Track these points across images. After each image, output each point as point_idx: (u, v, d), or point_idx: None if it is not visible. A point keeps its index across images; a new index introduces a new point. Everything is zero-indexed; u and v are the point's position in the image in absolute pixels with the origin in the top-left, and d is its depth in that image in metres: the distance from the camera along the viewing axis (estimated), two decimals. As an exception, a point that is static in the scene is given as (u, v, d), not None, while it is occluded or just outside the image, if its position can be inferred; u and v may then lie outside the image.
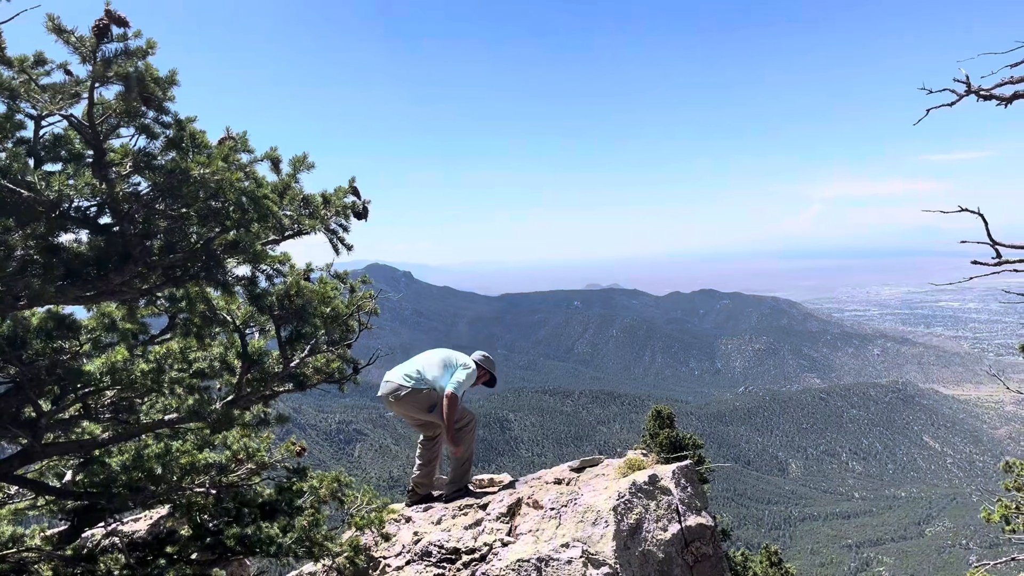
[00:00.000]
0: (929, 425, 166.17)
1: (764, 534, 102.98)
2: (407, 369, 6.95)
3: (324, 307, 5.20)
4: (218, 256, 4.05)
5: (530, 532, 5.83)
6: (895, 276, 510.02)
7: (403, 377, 6.87)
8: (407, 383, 6.81)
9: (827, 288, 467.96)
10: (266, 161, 4.38)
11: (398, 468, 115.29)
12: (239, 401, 5.10)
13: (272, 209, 4.11)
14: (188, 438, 5.54)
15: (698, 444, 17.63)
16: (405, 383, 6.81)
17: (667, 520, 5.89)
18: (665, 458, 7.68)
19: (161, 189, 3.77)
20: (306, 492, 6.08)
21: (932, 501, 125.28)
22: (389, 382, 6.91)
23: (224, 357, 5.36)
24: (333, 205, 4.62)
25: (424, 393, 6.79)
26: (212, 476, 5.35)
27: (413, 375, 6.85)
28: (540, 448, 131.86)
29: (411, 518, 6.64)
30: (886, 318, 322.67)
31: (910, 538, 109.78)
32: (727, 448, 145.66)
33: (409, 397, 6.78)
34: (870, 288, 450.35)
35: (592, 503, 5.85)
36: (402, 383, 6.82)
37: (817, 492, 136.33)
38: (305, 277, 5.20)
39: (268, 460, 5.88)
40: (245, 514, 5.57)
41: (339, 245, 4.75)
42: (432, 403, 6.81)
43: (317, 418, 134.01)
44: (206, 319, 4.86)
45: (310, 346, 5.40)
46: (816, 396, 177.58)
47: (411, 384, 6.81)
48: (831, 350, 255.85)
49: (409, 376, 6.85)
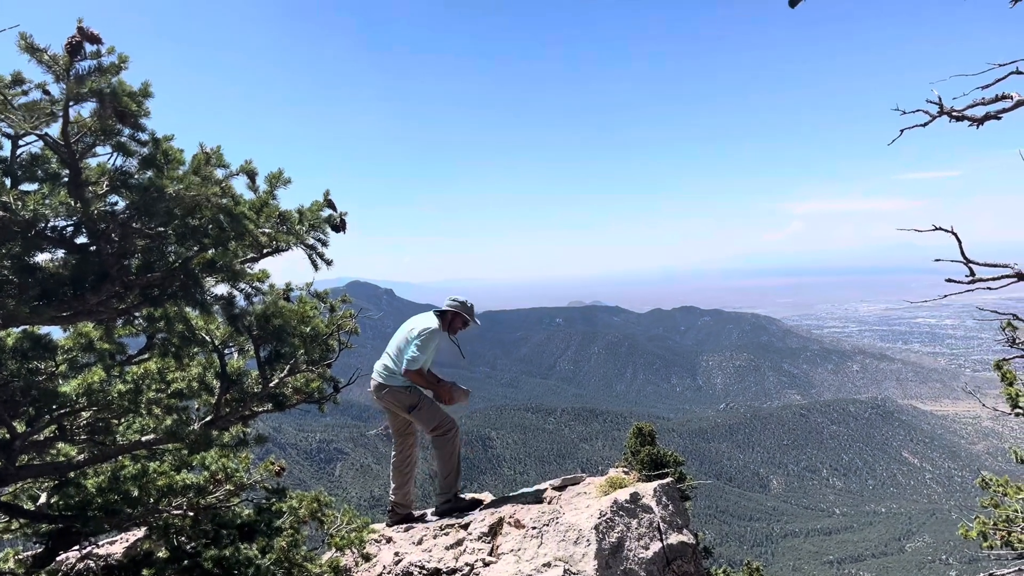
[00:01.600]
0: (908, 441, 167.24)
1: (746, 551, 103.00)
2: (386, 359, 6.89)
3: (304, 326, 5.17)
4: (196, 275, 4.03)
5: (512, 552, 5.80)
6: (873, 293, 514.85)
7: (380, 371, 6.83)
8: (381, 378, 6.78)
9: (806, 305, 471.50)
10: (242, 176, 4.36)
11: (379, 487, 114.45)
12: (218, 421, 5.05)
13: (249, 227, 4.09)
14: (166, 459, 5.48)
15: (679, 461, 17.63)
16: (382, 380, 6.78)
17: (649, 538, 5.87)
18: (647, 476, 7.67)
19: (137, 208, 3.74)
20: (285, 513, 6.03)
21: (912, 517, 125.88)
22: (373, 378, 6.88)
23: (202, 377, 5.31)
24: (308, 219, 4.60)
25: (404, 392, 6.72)
26: (190, 498, 5.28)
27: (390, 367, 6.80)
28: (522, 466, 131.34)
29: (392, 538, 6.59)
30: (865, 334, 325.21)
31: (891, 554, 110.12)
32: (709, 465, 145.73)
33: (390, 395, 6.74)
34: (848, 305, 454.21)
35: (574, 522, 5.83)
36: (380, 380, 6.79)
37: (798, 508, 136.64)
38: (284, 296, 5.18)
39: (247, 481, 5.82)
40: (223, 536, 5.51)
41: (318, 260, 4.73)
42: (412, 404, 6.72)
43: (297, 437, 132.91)
44: (184, 339, 4.82)
45: (289, 366, 5.37)
46: (797, 412, 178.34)
47: (383, 379, 6.76)
48: (811, 366, 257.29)
49: (385, 368, 6.81)
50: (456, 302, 7.06)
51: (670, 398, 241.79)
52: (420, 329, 6.75)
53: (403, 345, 6.78)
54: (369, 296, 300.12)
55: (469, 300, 7.14)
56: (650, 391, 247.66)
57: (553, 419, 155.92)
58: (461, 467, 6.95)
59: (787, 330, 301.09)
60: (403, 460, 7.16)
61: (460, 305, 7.05)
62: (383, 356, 6.94)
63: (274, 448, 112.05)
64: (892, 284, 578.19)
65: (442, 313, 7.00)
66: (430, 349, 6.76)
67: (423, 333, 6.70)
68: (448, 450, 6.79)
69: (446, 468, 6.83)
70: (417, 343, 6.66)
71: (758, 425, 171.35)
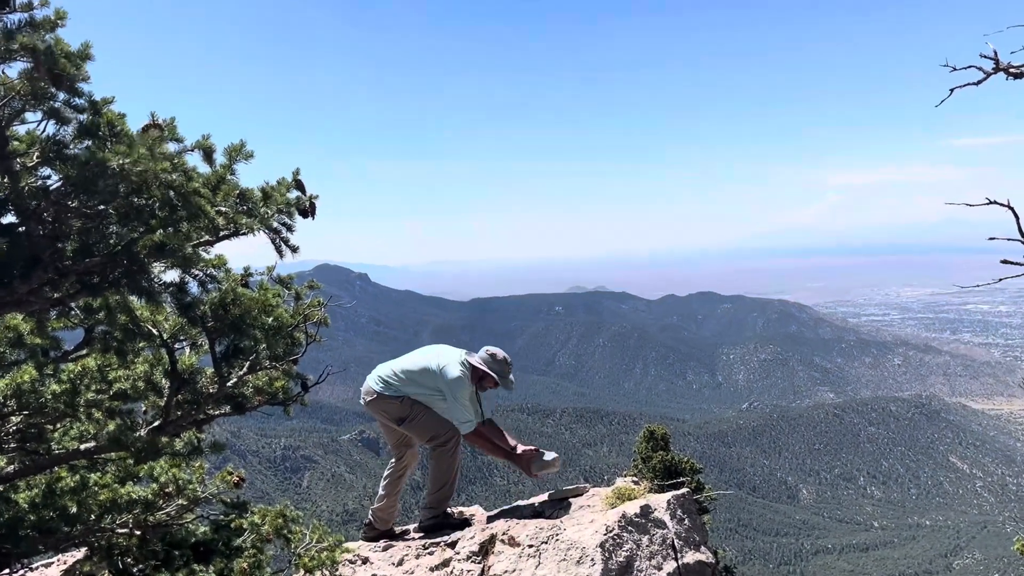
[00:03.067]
0: (956, 444, 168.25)
1: (772, 571, 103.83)
2: (386, 369, 6.93)
3: (265, 317, 5.16)
4: (142, 260, 4.01)
5: (505, 573, 5.83)
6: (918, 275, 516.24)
7: (376, 379, 6.87)
8: (376, 386, 6.82)
9: (841, 290, 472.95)
10: (197, 151, 4.34)
11: (353, 500, 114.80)
12: (167, 427, 5.05)
13: (204, 206, 4.08)
14: (108, 470, 5.48)
15: (696, 469, 17.70)
16: (375, 386, 6.83)
17: (661, 557, 5.91)
18: (659, 485, 7.71)
19: (74, 183, 3.72)
20: (246, 530, 6.04)
21: (960, 530, 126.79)
22: (367, 382, 6.95)
23: (149, 376, 5.30)
24: (274, 201, 4.59)
25: (395, 404, 6.75)
26: (136, 514, 5.29)
27: (387, 378, 6.84)
28: (517, 475, 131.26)
29: (368, 558, 6.62)
30: (908, 323, 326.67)
31: (936, 572, 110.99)
32: (729, 473, 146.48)
33: (376, 404, 6.81)
34: (889, 289, 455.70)
35: (576, 539, 5.87)
36: (372, 386, 6.84)
37: (831, 522, 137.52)
38: (243, 283, 5.16)
39: (201, 494, 5.83)
40: (175, 557, 5.52)
41: (282, 246, 4.72)
42: (402, 416, 6.76)
43: (259, 444, 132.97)
44: (128, 332, 4.81)
45: (250, 362, 5.36)
46: (830, 412, 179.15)
47: (379, 389, 6.80)
48: (846, 360, 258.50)
49: (383, 379, 6.85)
50: (491, 359, 6.96)
51: (686, 397, 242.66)
52: (453, 378, 6.67)
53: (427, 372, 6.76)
54: (341, 281, 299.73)
55: (508, 357, 7.05)
56: (663, 389, 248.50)
57: (552, 421, 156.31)
58: (457, 482, 6.97)
59: (819, 318, 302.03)
60: (399, 473, 7.18)
61: (495, 364, 6.96)
62: (388, 364, 6.98)
63: (233, 456, 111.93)
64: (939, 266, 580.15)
65: (472, 366, 6.91)
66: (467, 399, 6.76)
67: (457, 385, 6.66)
68: (446, 463, 6.81)
69: (440, 481, 6.85)
70: (457, 401, 6.65)
71: (786, 427, 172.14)
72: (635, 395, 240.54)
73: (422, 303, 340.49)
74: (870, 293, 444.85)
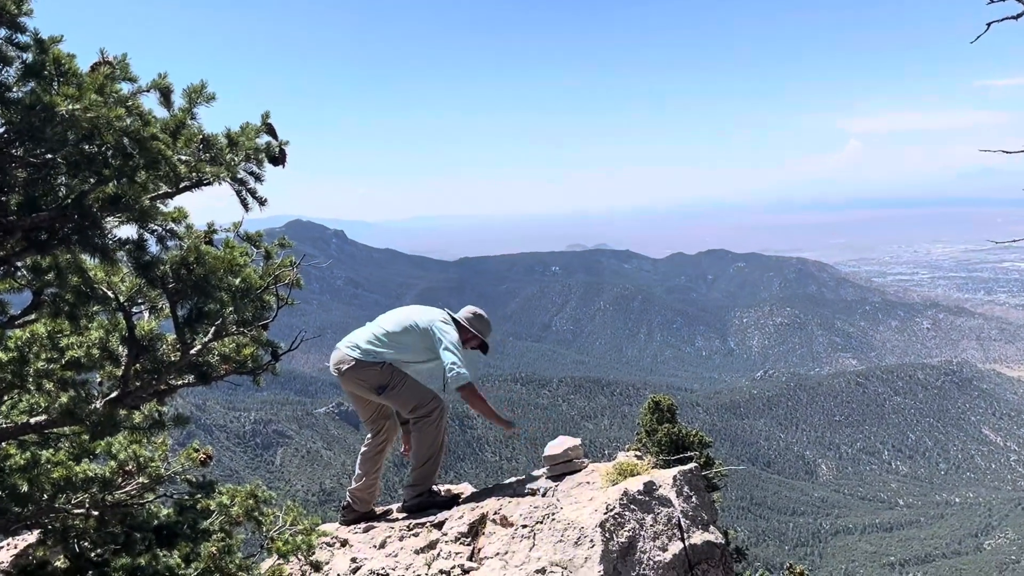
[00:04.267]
0: (990, 414, 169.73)
1: (788, 552, 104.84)
2: (363, 334, 6.89)
3: (232, 278, 5.14)
4: (94, 214, 3.99)
5: (497, 556, 5.88)
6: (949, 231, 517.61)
7: (351, 346, 6.83)
8: (352, 353, 6.77)
9: (866, 247, 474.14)
10: (154, 92, 4.30)
11: (331, 478, 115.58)
12: (125, 398, 5.06)
13: (163, 153, 4.05)
14: (61, 446, 5.49)
15: (706, 442, 17.85)
16: (352, 353, 6.77)
17: (667, 538, 5.97)
18: (665, 461, 7.77)
19: (18, 130, 3.69)
20: (214, 511, 6.07)
21: (993, 507, 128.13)
22: (336, 350, 6.89)
23: (105, 343, 5.29)
24: (242, 147, 4.56)
25: (375, 370, 6.71)
26: (93, 493, 5.30)
27: (362, 344, 6.80)
28: (510, 451, 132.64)
29: (347, 541, 6.67)
30: (938, 283, 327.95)
31: (966, 553, 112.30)
32: (742, 447, 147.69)
33: (353, 372, 6.73)
34: (919, 246, 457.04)
35: (574, 518, 5.91)
36: (349, 353, 6.78)
37: (853, 499, 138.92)
38: (207, 240, 5.14)
39: (165, 472, 5.85)
40: (136, 540, 5.54)
41: (249, 198, 4.70)
42: (382, 383, 6.71)
43: (227, 417, 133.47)
44: (81, 295, 4.79)
45: (215, 327, 5.36)
46: (852, 381, 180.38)
47: (356, 355, 6.75)
48: (870, 324, 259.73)
49: (357, 345, 6.80)
50: (475, 318, 7.12)
51: (694, 364, 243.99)
52: (445, 329, 6.79)
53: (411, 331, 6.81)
54: (315, 239, 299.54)
55: (486, 316, 7.24)
56: (669, 356, 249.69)
57: (548, 392, 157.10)
58: (442, 456, 6.97)
59: (841, 278, 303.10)
60: (378, 449, 7.17)
61: (479, 323, 7.13)
62: (361, 330, 6.96)
63: (199, 431, 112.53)
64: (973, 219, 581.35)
65: (457, 324, 7.02)
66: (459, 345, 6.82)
67: (449, 333, 6.77)
68: (431, 436, 6.79)
69: (424, 456, 6.83)
70: (453, 351, 6.69)
71: (803, 397, 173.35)
72: (639, 363, 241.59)
73: (404, 263, 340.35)
74: (897, 250, 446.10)
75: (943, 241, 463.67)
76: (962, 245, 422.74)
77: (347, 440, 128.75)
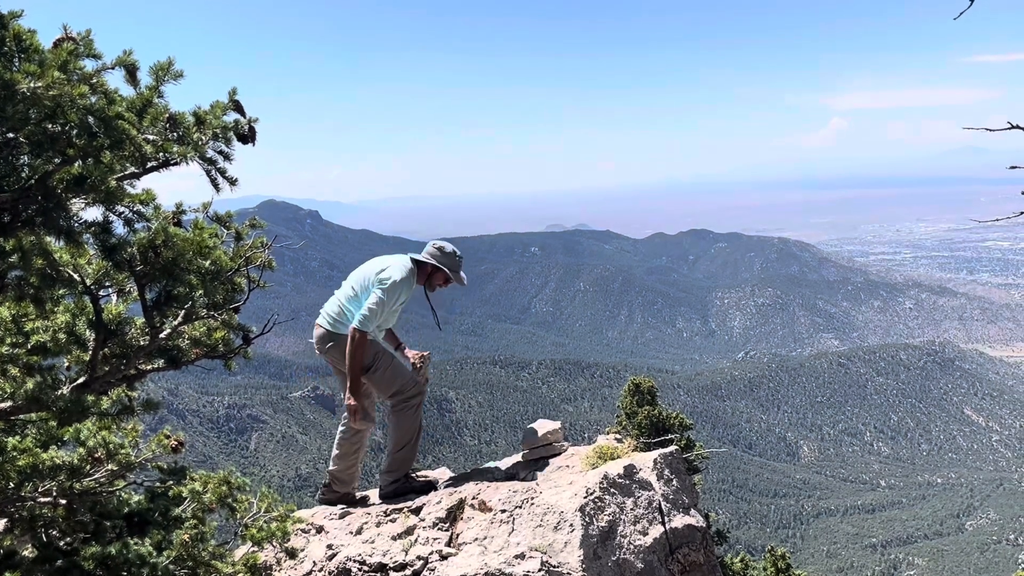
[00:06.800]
0: (972, 395, 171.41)
1: (769, 534, 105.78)
2: (334, 304, 6.80)
3: (201, 260, 5.11)
4: (59, 195, 3.96)
5: (476, 541, 5.89)
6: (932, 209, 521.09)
7: (328, 316, 6.74)
8: (328, 325, 6.68)
9: (848, 225, 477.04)
10: (119, 70, 4.26)
11: (306, 464, 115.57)
12: (94, 383, 5.03)
13: (129, 132, 4.01)
14: (28, 433, 5.45)
15: (686, 425, 17.95)
16: (329, 327, 6.67)
17: (647, 521, 6.00)
18: (645, 443, 7.81)
19: (-22, 107, 3.65)
20: (186, 498, 6.05)
21: (974, 488, 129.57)
22: (318, 323, 6.80)
23: (71, 327, 5.26)
24: (209, 126, 4.53)
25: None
26: (61, 481, 5.27)
27: (332, 311, 6.72)
28: (489, 434, 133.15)
29: (323, 527, 6.66)
30: (921, 262, 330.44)
31: (947, 534, 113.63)
32: (723, 429, 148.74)
33: (338, 351, 6.61)
34: (901, 224, 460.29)
35: (554, 503, 5.93)
36: (327, 328, 6.68)
37: (835, 481, 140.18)
38: (175, 221, 5.11)
39: (135, 459, 5.82)
40: (106, 528, 5.52)
41: (219, 178, 4.67)
42: (366, 364, 6.56)
43: (199, 402, 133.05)
44: (46, 278, 4.75)
45: (185, 311, 5.33)
46: (834, 362, 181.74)
47: (330, 326, 6.67)
48: (852, 304, 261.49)
49: (334, 314, 6.71)
50: (440, 252, 6.88)
51: (675, 346, 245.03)
52: (387, 275, 6.56)
53: (364, 286, 6.63)
54: (288, 219, 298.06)
55: (458, 251, 6.98)
56: (650, 337, 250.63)
57: (527, 374, 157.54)
58: (419, 442, 6.94)
59: (823, 258, 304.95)
60: (355, 431, 7.09)
61: (445, 257, 6.87)
62: (334, 296, 6.84)
63: (171, 417, 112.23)
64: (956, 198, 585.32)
65: (420, 263, 6.84)
66: (391, 305, 6.63)
67: (387, 281, 6.52)
68: (408, 422, 6.74)
69: (401, 442, 6.79)
70: (378, 293, 6.48)
71: (785, 379, 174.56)
72: (619, 345, 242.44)
73: (380, 244, 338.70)
74: (879, 229, 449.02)
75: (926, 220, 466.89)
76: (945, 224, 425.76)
77: (323, 424, 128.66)
